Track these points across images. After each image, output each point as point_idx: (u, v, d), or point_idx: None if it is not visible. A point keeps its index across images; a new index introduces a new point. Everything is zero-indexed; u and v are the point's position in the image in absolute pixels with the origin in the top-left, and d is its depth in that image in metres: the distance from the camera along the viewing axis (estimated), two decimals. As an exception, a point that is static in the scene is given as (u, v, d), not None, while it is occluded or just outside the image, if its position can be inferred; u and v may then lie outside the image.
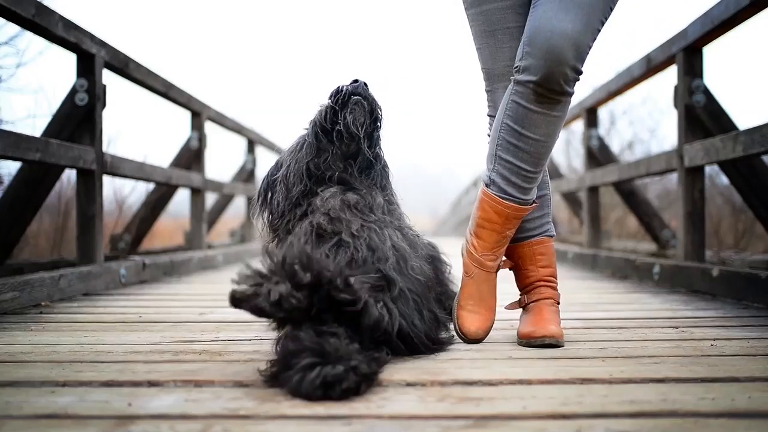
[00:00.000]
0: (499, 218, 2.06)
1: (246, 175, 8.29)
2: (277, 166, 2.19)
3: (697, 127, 3.86)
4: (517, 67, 1.98)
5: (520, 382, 1.54)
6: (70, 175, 5.38)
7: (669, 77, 4.23)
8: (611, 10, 1.97)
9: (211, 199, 7.37)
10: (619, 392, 1.45)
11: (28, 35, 4.89)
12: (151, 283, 4.16)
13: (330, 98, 2.06)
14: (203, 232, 6.04)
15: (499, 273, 2.15)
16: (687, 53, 3.83)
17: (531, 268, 2.14)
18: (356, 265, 1.75)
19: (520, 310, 2.17)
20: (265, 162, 10.14)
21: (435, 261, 2.17)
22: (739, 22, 3.36)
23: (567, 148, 15.10)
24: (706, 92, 3.84)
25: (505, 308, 2.19)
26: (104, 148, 3.96)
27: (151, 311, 2.88)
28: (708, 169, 4.40)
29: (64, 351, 1.95)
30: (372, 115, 2.05)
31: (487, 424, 1.24)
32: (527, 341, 2.01)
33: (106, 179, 4.09)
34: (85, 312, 2.85)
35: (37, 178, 3.75)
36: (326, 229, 1.87)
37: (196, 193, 5.94)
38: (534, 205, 2.10)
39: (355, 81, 2.06)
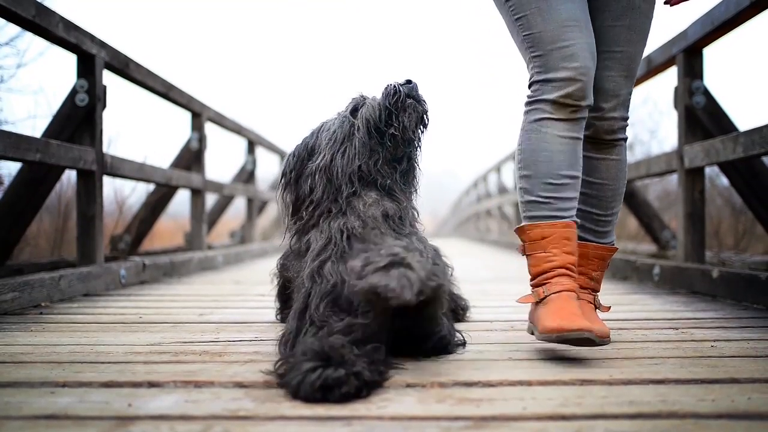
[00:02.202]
0: (581, 260, 2.09)
1: (246, 175, 8.29)
2: (307, 148, 2.08)
3: (698, 129, 3.87)
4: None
5: (520, 383, 1.54)
6: (70, 176, 5.38)
7: (669, 78, 4.23)
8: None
9: (211, 199, 7.37)
10: (619, 393, 1.45)
11: (29, 36, 4.89)
12: (151, 284, 4.16)
13: (386, 98, 1.99)
14: (203, 232, 6.04)
15: (498, 275, 2.15)
16: (687, 54, 3.84)
17: (555, 252, 1.96)
18: None
19: (532, 304, 2.01)
20: (265, 162, 10.14)
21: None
22: (740, 23, 3.36)
23: (567, 149, 15.07)
24: (707, 93, 3.84)
25: (518, 301, 2.04)
26: (104, 149, 3.96)
27: (151, 312, 2.88)
28: (708, 170, 4.40)
29: (64, 352, 1.95)
30: (422, 120, 2.02)
31: (487, 425, 1.24)
32: (558, 336, 1.78)
33: (106, 180, 4.09)
34: (85, 313, 2.85)
35: (37, 178, 3.76)
36: (357, 235, 1.87)
37: (196, 194, 5.94)
38: (612, 247, 2.18)
39: (409, 81, 2.01)
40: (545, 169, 1.98)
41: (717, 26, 3.42)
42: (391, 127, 1.97)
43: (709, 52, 3.88)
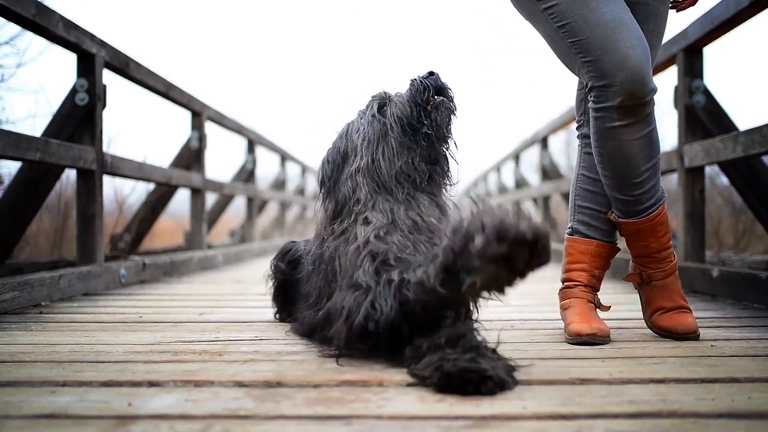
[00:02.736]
0: (584, 257, 2.21)
1: (246, 175, 8.28)
2: (340, 153, 2.03)
3: (697, 128, 3.86)
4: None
5: (520, 382, 1.54)
6: (70, 175, 5.37)
7: (669, 77, 4.23)
8: None
9: (211, 199, 7.37)
10: (619, 392, 1.45)
11: (29, 35, 4.88)
12: (151, 283, 4.16)
13: (415, 95, 1.96)
14: (203, 232, 6.04)
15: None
16: (687, 53, 3.83)
17: (651, 240, 2.16)
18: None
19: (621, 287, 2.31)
20: (265, 162, 10.13)
21: None
22: (740, 23, 3.36)
23: (567, 149, 15.12)
24: (707, 93, 3.84)
25: (625, 279, 2.29)
26: (104, 148, 3.96)
27: (151, 311, 2.88)
28: (708, 169, 4.40)
29: (64, 351, 1.95)
30: (453, 113, 2.00)
31: (487, 425, 1.24)
32: (669, 335, 2.13)
33: (106, 179, 4.09)
34: (85, 312, 2.85)
35: (37, 177, 3.75)
36: (421, 226, 1.87)
37: (196, 193, 5.94)
38: (616, 247, 2.27)
39: (432, 73, 1.98)
40: (626, 172, 2.08)
41: (717, 26, 3.42)
42: (423, 126, 1.94)
43: (709, 52, 3.87)
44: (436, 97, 1.95)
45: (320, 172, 2.06)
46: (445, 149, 2.01)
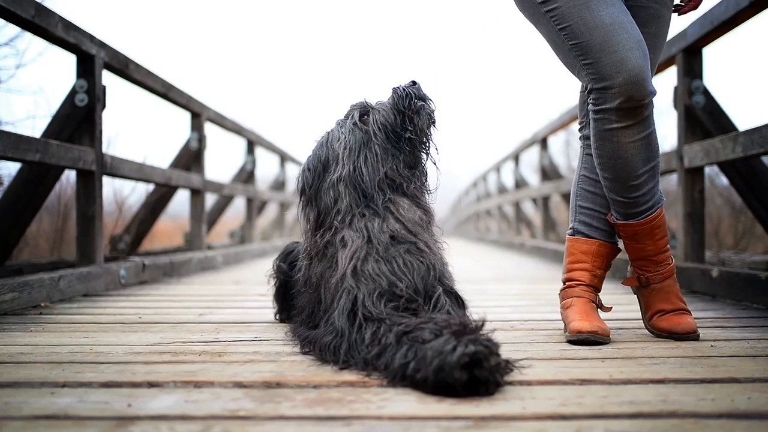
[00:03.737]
0: (586, 257, 2.22)
1: (246, 175, 8.29)
2: (320, 161, 2.04)
3: (697, 128, 3.87)
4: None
5: (520, 382, 1.54)
6: (69, 176, 5.38)
7: (668, 78, 4.22)
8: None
9: (210, 200, 7.37)
10: (619, 393, 1.45)
11: (28, 36, 4.89)
12: (150, 284, 4.16)
13: (399, 102, 1.98)
14: (203, 233, 6.04)
15: (497, 275, 2.16)
16: (687, 54, 3.83)
17: (648, 243, 2.18)
18: (433, 276, 1.87)
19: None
20: (265, 163, 10.13)
21: None
22: (739, 23, 3.36)
23: (566, 149, 15.14)
24: (706, 93, 3.84)
25: (623, 283, 2.31)
26: (104, 149, 3.96)
27: (151, 312, 2.88)
28: (708, 169, 4.40)
29: (64, 352, 1.95)
30: (432, 120, 2.02)
31: (487, 425, 1.24)
32: (669, 336, 2.12)
33: (106, 180, 4.09)
34: (85, 313, 2.85)
35: (36, 178, 3.75)
36: (400, 235, 1.89)
37: (196, 194, 5.94)
38: (618, 247, 2.28)
39: (414, 83, 2.01)
40: (624, 174, 2.10)
41: (716, 26, 3.42)
42: (406, 131, 1.97)
43: (709, 52, 3.87)
44: (417, 101, 1.98)
45: (300, 180, 2.08)
46: (425, 154, 2.04)
